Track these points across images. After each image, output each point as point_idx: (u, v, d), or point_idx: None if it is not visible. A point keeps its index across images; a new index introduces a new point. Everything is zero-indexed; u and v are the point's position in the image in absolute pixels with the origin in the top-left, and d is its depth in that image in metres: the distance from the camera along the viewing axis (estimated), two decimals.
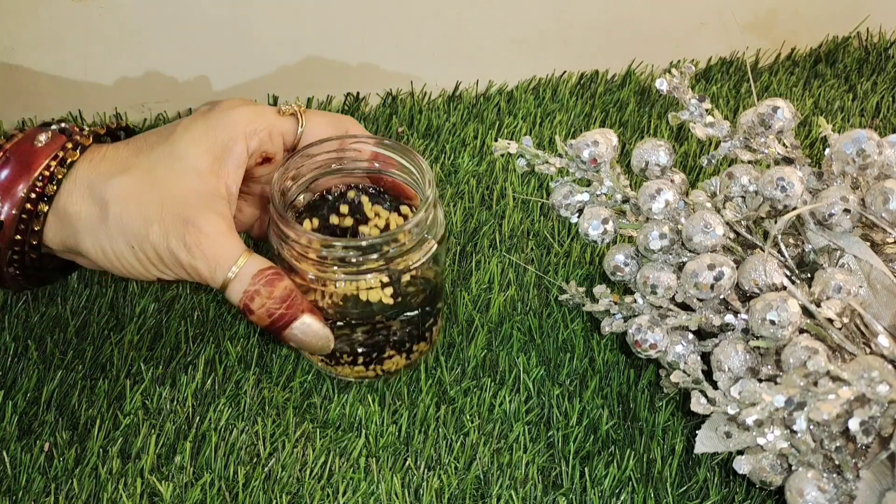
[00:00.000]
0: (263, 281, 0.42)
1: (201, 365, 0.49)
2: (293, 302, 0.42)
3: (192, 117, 0.44)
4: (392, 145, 0.46)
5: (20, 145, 0.43)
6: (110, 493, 0.44)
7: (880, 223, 0.44)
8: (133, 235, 0.42)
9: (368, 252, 0.43)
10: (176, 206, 0.41)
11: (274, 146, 0.45)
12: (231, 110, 0.44)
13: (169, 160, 0.42)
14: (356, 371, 0.48)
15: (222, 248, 0.42)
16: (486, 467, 0.46)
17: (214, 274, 0.42)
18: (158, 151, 0.43)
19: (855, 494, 0.40)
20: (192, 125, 0.43)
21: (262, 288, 0.42)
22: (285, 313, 0.42)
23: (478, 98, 0.69)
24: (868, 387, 0.37)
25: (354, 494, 0.44)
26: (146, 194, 0.42)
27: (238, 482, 0.45)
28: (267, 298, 0.42)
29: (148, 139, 0.44)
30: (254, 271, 0.42)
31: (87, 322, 0.52)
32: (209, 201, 0.42)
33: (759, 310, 0.42)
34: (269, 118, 0.45)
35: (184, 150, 0.43)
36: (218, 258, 0.41)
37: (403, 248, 0.43)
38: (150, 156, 0.43)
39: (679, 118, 0.48)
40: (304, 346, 0.43)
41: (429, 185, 0.44)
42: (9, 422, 0.47)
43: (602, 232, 0.47)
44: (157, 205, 0.42)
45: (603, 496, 0.45)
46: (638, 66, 0.71)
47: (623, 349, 0.51)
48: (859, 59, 0.72)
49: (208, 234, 0.41)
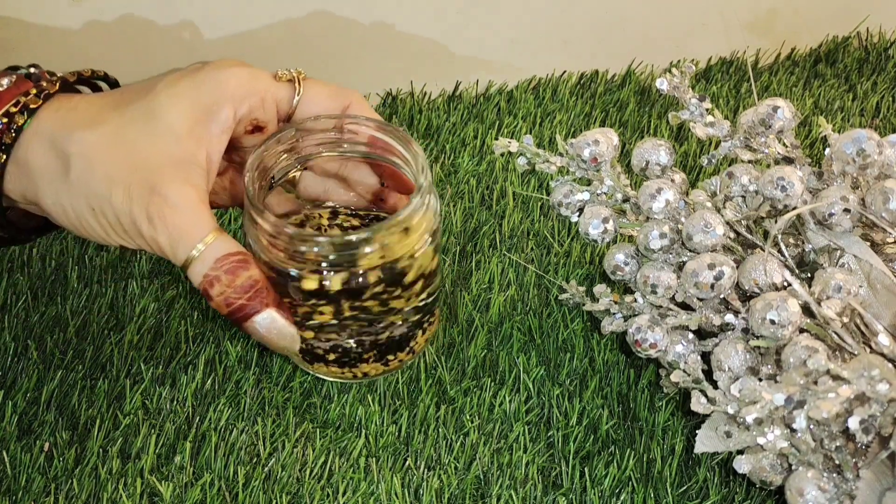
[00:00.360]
0: (226, 267, 0.38)
1: (201, 365, 0.49)
2: (256, 294, 0.38)
3: (180, 73, 0.40)
4: (391, 130, 0.43)
5: None
6: (110, 493, 0.44)
7: (880, 223, 0.44)
8: (94, 197, 0.38)
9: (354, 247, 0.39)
10: (144, 171, 0.37)
11: (266, 114, 0.41)
12: (222, 70, 0.40)
13: (144, 118, 0.38)
14: (332, 371, 0.46)
15: (189, 223, 0.37)
16: (486, 467, 0.46)
17: (175, 250, 0.38)
18: (134, 107, 0.39)
19: (855, 494, 0.40)
20: (178, 82, 0.39)
21: (224, 275, 0.38)
22: (245, 304, 0.38)
23: (478, 98, 0.69)
24: (868, 385, 0.37)
25: (354, 494, 0.44)
26: (113, 153, 0.38)
27: (238, 482, 0.45)
28: (227, 287, 0.38)
29: (127, 92, 0.40)
30: (218, 254, 0.38)
31: (87, 322, 0.52)
32: (183, 169, 0.38)
33: (759, 309, 0.42)
34: (263, 83, 0.41)
35: (163, 108, 0.38)
36: (182, 234, 0.37)
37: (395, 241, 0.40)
38: (124, 112, 0.39)
39: (679, 118, 0.48)
40: (266, 342, 0.40)
41: (422, 171, 0.41)
42: (9, 422, 0.47)
43: (602, 231, 0.47)
44: (123, 166, 0.38)
45: (603, 496, 0.45)
46: (638, 66, 0.71)
47: (623, 349, 0.51)
48: (859, 59, 0.72)
49: (175, 205, 0.37)
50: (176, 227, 0.37)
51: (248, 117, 0.41)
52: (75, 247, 0.55)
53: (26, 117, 0.39)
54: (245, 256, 0.39)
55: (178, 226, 0.37)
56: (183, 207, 0.37)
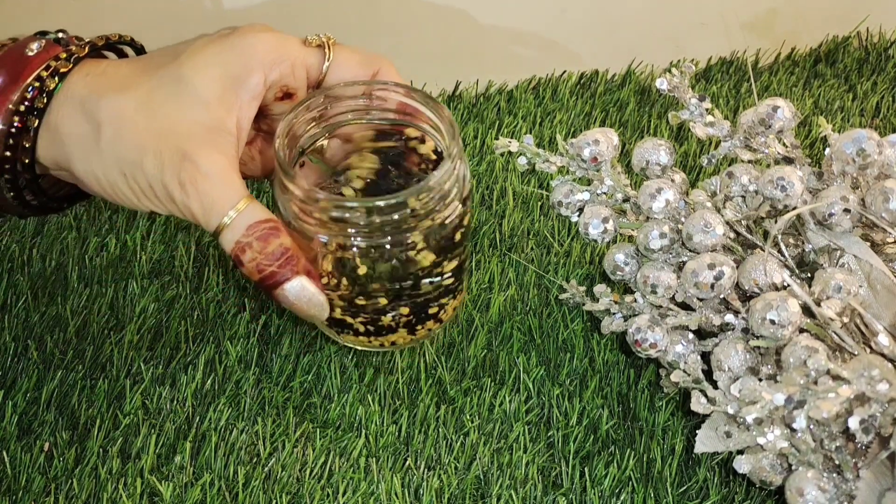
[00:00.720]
0: (258, 234, 0.38)
1: (201, 365, 0.49)
2: (287, 261, 0.38)
3: (209, 38, 0.40)
4: (420, 95, 0.42)
5: (10, 53, 0.39)
6: (110, 493, 0.44)
7: (880, 223, 0.44)
8: (126, 163, 0.38)
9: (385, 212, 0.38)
10: (175, 138, 0.38)
11: (296, 80, 0.41)
12: (250, 35, 0.39)
13: (174, 84, 0.38)
14: (359, 341, 0.45)
15: (220, 190, 0.38)
16: (486, 467, 0.46)
17: (208, 217, 0.38)
18: (163, 73, 0.39)
19: (855, 494, 0.40)
20: (206, 48, 0.39)
21: (255, 241, 0.38)
22: (276, 272, 0.38)
23: (478, 98, 0.69)
24: (868, 385, 0.38)
25: (354, 494, 0.44)
26: (143, 119, 0.38)
27: (238, 482, 0.45)
28: (258, 253, 0.38)
29: (155, 58, 0.40)
30: (250, 221, 0.38)
31: (87, 322, 0.52)
32: (213, 136, 0.38)
33: (759, 309, 0.42)
34: (292, 48, 0.40)
35: (192, 74, 0.38)
36: (214, 201, 0.38)
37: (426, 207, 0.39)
38: (153, 76, 0.39)
39: (679, 118, 0.48)
40: (295, 310, 0.40)
41: (454, 138, 0.40)
42: (9, 422, 0.47)
43: (602, 231, 0.47)
44: (153, 132, 0.38)
45: (603, 496, 0.45)
46: (638, 66, 0.71)
47: (623, 349, 0.51)
48: (859, 59, 0.72)
49: (207, 172, 0.37)
50: (207, 194, 0.37)
51: (278, 83, 0.40)
52: (75, 247, 0.55)
53: (57, 81, 0.39)
54: (276, 223, 0.39)
55: (209, 193, 0.37)
56: (214, 175, 0.37)
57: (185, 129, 0.38)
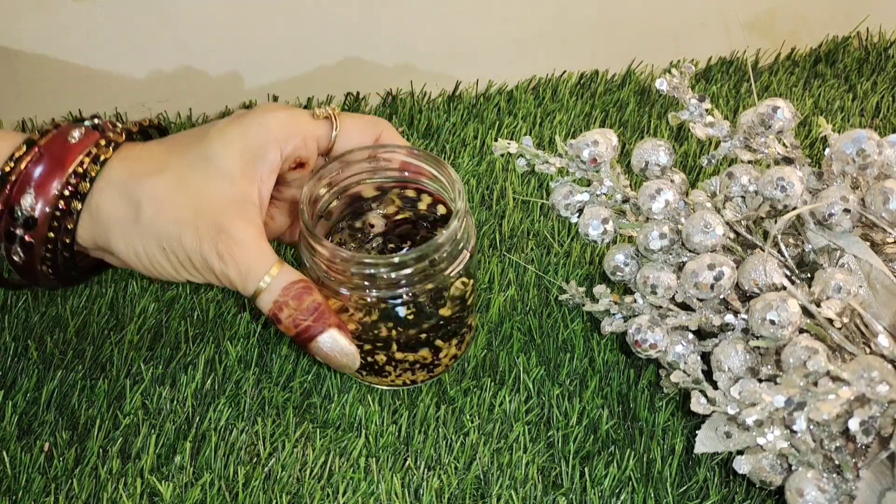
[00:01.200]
0: (293, 293, 0.42)
1: (201, 365, 0.50)
2: (320, 315, 0.42)
3: (228, 120, 0.44)
4: (422, 155, 0.46)
5: (54, 141, 0.42)
6: (110, 493, 0.44)
7: (880, 223, 0.44)
8: (165, 238, 0.41)
9: (400, 268, 0.42)
10: (209, 212, 0.41)
11: (308, 151, 0.45)
12: (265, 114, 0.43)
13: (202, 163, 0.42)
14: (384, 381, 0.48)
15: (254, 258, 0.42)
16: (486, 467, 0.46)
17: (245, 283, 0.42)
18: (192, 153, 0.42)
19: (855, 494, 0.40)
20: (227, 128, 0.43)
21: (291, 300, 0.42)
22: (311, 325, 0.42)
23: (478, 98, 0.69)
24: (868, 386, 0.38)
25: (354, 494, 0.44)
26: (180, 197, 0.42)
27: (238, 482, 0.45)
28: (294, 310, 0.42)
29: (182, 140, 0.44)
30: (284, 283, 0.42)
31: (87, 322, 0.52)
32: (242, 208, 0.42)
33: (759, 310, 0.42)
34: (303, 123, 0.44)
35: (217, 153, 0.42)
36: (250, 268, 0.42)
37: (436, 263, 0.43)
38: (184, 157, 0.42)
39: (679, 118, 0.48)
40: (329, 361, 0.44)
41: (459, 195, 0.44)
42: (9, 422, 0.47)
43: (602, 232, 0.47)
44: (190, 209, 0.41)
45: (603, 496, 0.45)
46: (638, 66, 0.71)
47: (623, 349, 0.51)
48: (859, 59, 0.72)
49: (241, 242, 0.41)
50: (244, 262, 0.41)
51: (293, 156, 0.44)
52: None
53: (98, 168, 0.42)
54: (307, 283, 0.43)
55: (245, 261, 0.41)
56: (248, 244, 0.41)
57: (217, 204, 0.41)
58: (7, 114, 0.65)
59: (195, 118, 0.67)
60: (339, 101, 0.68)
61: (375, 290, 0.43)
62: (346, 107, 0.68)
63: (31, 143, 0.42)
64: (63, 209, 0.42)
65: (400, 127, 0.66)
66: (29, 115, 0.65)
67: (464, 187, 0.44)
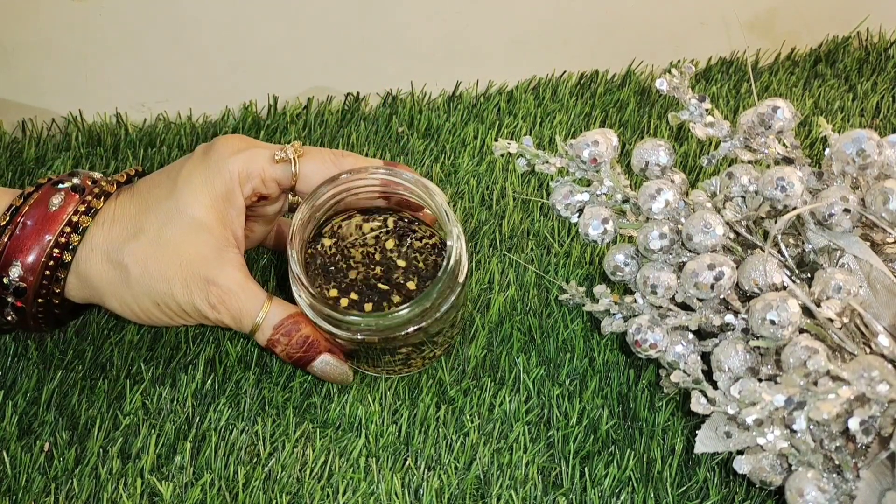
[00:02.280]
0: (283, 330, 0.45)
1: (201, 365, 0.50)
2: (311, 346, 0.46)
3: (191, 165, 0.45)
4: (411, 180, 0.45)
5: (36, 207, 0.45)
6: (110, 493, 0.44)
7: (880, 223, 0.44)
8: (157, 294, 0.44)
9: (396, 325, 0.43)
10: (194, 266, 0.44)
11: (268, 189, 0.47)
12: (227, 158, 0.45)
13: (177, 218, 0.44)
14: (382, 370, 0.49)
15: (245, 301, 0.45)
16: (486, 467, 0.46)
17: (240, 325, 0.45)
18: (164, 208, 0.45)
19: (855, 494, 0.40)
20: (192, 177, 0.45)
21: (282, 337, 0.45)
22: (303, 356, 0.46)
23: (478, 98, 0.69)
24: (868, 386, 0.37)
25: (354, 494, 0.44)
26: (163, 256, 0.44)
27: (238, 482, 0.45)
28: (286, 345, 0.45)
29: (152, 193, 0.45)
30: (275, 322, 0.45)
31: (87, 322, 0.52)
32: (223, 255, 0.45)
33: (759, 310, 0.42)
34: (261, 166, 0.45)
35: (188, 205, 0.44)
36: (242, 312, 0.45)
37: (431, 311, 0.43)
38: (157, 214, 0.45)
39: (679, 118, 0.48)
40: (325, 378, 0.47)
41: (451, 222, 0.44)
42: (9, 422, 0.47)
43: (602, 232, 0.47)
44: (175, 265, 0.44)
45: (603, 496, 0.45)
46: (638, 66, 0.71)
47: (623, 349, 0.51)
48: (859, 59, 0.72)
49: (229, 290, 0.44)
50: (236, 308, 0.45)
51: (253, 194, 0.46)
52: None
53: (79, 237, 0.45)
54: (296, 317, 0.46)
55: (237, 307, 0.45)
56: (237, 291, 0.44)
57: (200, 256, 0.44)
58: (7, 114, 0.65)
59: (195, 118, 0.67)
60: (339, 102, 0.68)
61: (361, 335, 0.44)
62: (346, 107, 0.68)
63: (16, 209, 0.44)
64: (49, 275, 0.45)
65: (400, 127, 0.66)
66: (29, 115, 0.65)
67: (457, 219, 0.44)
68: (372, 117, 0.67)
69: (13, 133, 0.65)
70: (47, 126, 0.66)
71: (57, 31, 0.63)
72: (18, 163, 0.62)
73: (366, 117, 0.67)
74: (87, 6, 0.62)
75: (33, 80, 0.65)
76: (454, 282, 0.44)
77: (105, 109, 0.66)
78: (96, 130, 0.65)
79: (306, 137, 0.64)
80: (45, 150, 0.63)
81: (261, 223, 0.50)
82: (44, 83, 0.65)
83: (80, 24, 0.62)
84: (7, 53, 0.63)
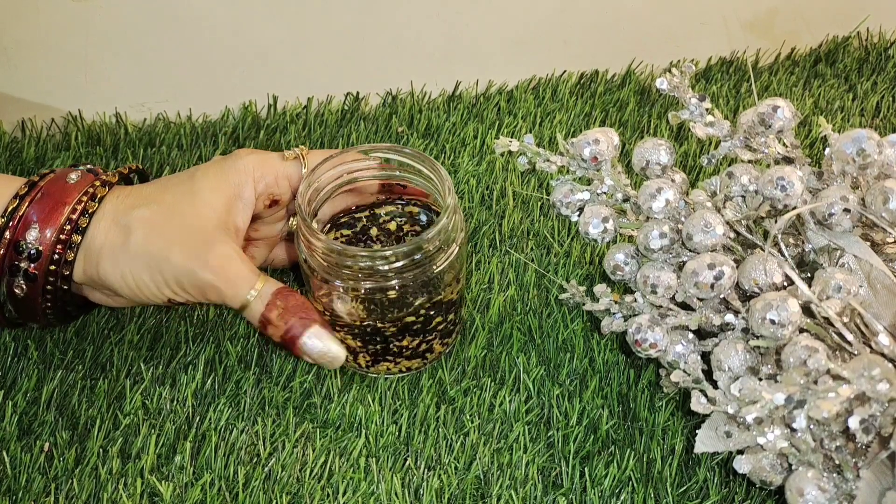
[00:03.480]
0: (280, 296, 0.46)
1: (201, 365, 0.50)
2: (306, 311, 0.46)
3: (210, 163, 0.49)
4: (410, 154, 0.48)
5: (54, 182, 0.47)
6: (110, 493, 0.44)
7: (880, 223, 0.44)
8: (152, 257, 0.45)
9: (392, 261, 0.44)
10: (197, 232, 0.46)
11: (280, 189, 0.49)
12: (242, 158, 0.48)
13: (190, 197, 0.47)
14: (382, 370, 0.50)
15: (244, 271, 0.45)
16: (486, 467, 0.46)
17: (236, 294, 0.45)
18: (180, 189, 0.47)
19: (855, 494, 0.40)
20: (209, 170, 0.48)
21: (279, 300, 0.46)
22: (298, 322, 0.45)
23: (478, 98, 0.69)
24: (868, 385, 0.37)
25: (354, 494, 0.44)
26: (169, 221, 0.46)
27: (238, 482, 0.45)
28: (283, 308, 0.45)
29: (171, 180, 0.48)
30: (273, 289, 0.46)
31: (87, 322, 0.52)
32: (226, 233, 0.46)
33: (759, 309, 0.42)
34: (274, 164, 0.49)
35: (202, 189, 0.47)
36: (240, 280, 0.45)
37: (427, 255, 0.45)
38: (172, 192, 0.47)
39: (679, 118, 0.48)
40: (315, 357, 0.46)
41: (448, 191, 0.45)
42: (9, 422, 0.47)
43: (602, 231, 0.47)
44: (179, 230, 0.46)
45: (603, 496, 0.45)
46: (638, 66, 0.71)
47: (623, 349, 0.51)
48: (859, 59, 0.72)
49: (230, 257, 0.45)
50: (236, 274, 0.45)
51: (266, 192, 0.48)
52: None
53: (96, 204, 0.46)
54: (291, 288, 0.46)
55: (237, 273, 0.45)
56: (237, 259, 0.46)
57: (205, 225, 0.46)
58: (7, 114, 0.65)
59: (195, 118, 0.67)
60: (339, 102, 0.68)
61: (367, 281, 0.45)
62: (345, 107, 0.68)
63: (33, 184, 0.46)
64: (65, 240, 0.46)
65: (400, 126, 0.66)
66: (29, 114, 0.65)
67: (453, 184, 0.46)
68: (372, 117, 0.67)
69: (13, 132, 0.65)
70: (47, 125, 0.66)
71: (57, 31, 0.63)
72: (18, 162, 0.62)
73: (366, 117, 0.67)
74: (87, 6, 0.62)
75: (33, 79, 0.65)
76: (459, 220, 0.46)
77: (105, 109, 0.66)
78: (96, 130, 0.65)
79: (306, 137, 0.64)
80: (45, 149, 0.63)
81: (260, 246, 0.52)
82: (43, 82, 0.65)
83: (80, 24, 0.63)
84: (7, 53, 0.63)
